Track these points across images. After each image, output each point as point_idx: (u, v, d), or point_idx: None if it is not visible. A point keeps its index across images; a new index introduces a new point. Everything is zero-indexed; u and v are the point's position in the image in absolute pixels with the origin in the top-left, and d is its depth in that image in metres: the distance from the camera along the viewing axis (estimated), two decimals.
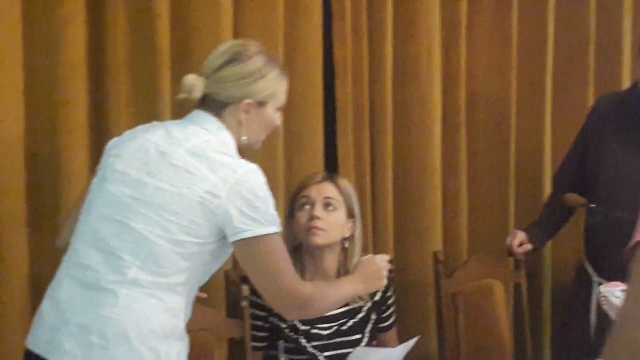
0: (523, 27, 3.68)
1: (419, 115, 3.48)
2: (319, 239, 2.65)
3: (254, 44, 2.26)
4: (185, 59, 2.89)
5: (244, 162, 2.12)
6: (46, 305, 2.11)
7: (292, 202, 2.72)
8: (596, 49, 3.80)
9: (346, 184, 2.78)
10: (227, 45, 2.24)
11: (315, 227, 2.63)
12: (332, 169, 3.20)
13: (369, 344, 2.75)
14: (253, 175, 2.09)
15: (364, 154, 3.35)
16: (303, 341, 2.65)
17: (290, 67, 3.01)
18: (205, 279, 2.20)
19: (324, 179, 2.72)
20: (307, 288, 2.17)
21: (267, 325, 2.66)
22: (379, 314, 2.80)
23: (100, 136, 2.74)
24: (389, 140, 3.41)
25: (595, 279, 3.11)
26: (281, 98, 2.24)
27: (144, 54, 2.82)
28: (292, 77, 2.93)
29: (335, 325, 2.70)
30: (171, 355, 2.08)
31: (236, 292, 2.66)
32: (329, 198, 2.67)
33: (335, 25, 3.21)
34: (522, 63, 3.71)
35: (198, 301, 2.31)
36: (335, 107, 3.28)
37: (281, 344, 2.29)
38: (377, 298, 2.78)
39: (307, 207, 2.66)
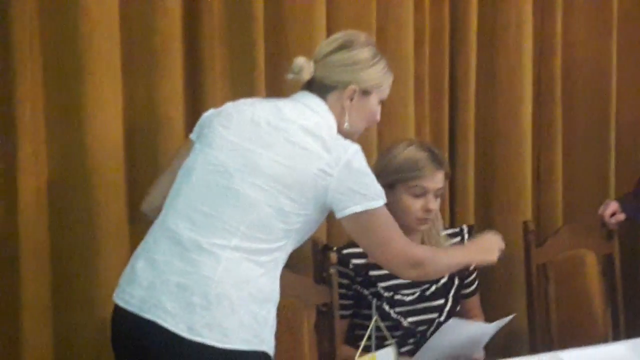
0: None
1: (506, 83, 3.41)
2: (427, 227, 2.71)
3: (365, 35, 2.32)
4: (278, 31, 2.92)
5: (349, 142, 2.17)
6: (141, 265, 2.14)
7: (398, 180, 2.64)
8: None
9: (448, 168, 2.77)
10: (339, 34, 2.29)
11: (428, 219, 2.67)
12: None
13: (452, 310, 2.76)
14: (359, 154, 2.15)
15: (442, 124, 3.32)
16: (386, 307, 2.66)
17: (380, 38, 3.03)
18: (297, 246, 2.24)
19: (438, 168, 2.66)
20: (420, 250, 2.33)
21: (350, 293, 2.68)
22: (461, 279, 2.80)
23: (195, 106, 2.79)
24: (471, 111, 3.36)
25: None
26: (385, 90, 2.28)
27: (238, 24, 2.84)
28: (383, 46, 2.92)
29: (418, 291, 2.70)
30: (268, 320, 2.12)
31: (323, 259, 2.69)
32: (440, 189, 2.67)
33: None
34: (622, 27, 3.60)
35: (286, 267, 2.33)
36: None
37: (374, 302, 2.33)
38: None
39: (422, 197, 2.64)
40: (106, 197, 2.69)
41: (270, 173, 2.09)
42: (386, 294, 2.66)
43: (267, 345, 2.11)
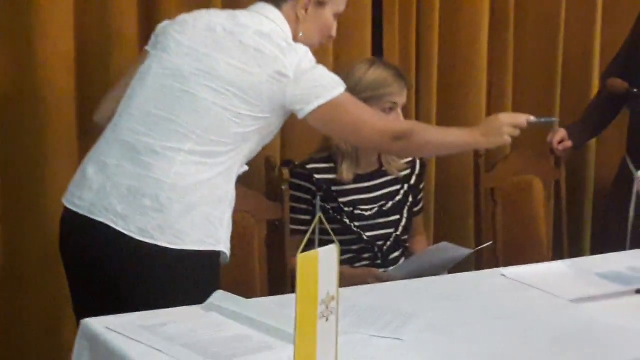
0: None
1: (467, 11, 3.44)
2: None
3: None
4: None
5: (298, 44, 2.18)
6: (91, 169, 2.15)
7: (372, 98, 2.64)
8: None
9: None
10: None
11: None
12: None
13: (407, 225, 2.83)
14: (309, 53, 2.17)
15: (409, 47, 3.34)
16: (346, 220, 2.71)
17: None
18: (254, 154, 2.26)
19: (404, 83, 2.72)
20: (401, 122, 2.43)
21: (310, 208, 2.72)
22: (413, 197, 2.86)
23: (149, 20, 2.75)
24: (435, 35, 3.39)
25: (637, 174, 3.08)
26: (340, 4, 2.29)
27: None
28: None
29: (375, 206, 2.77)
30: (223, 220, 2.14)
31: (276, 176, 2.71)
32: (404, 103, 2.73)
33: None
34: None
35: (238, 181, 2.35)
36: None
37: (317, 198, 2.37)
38: (412, 181, 2.85)
39: (392, 111, 2.66)
40: (56, 108, 2.68)
41: (225, 76, 2.09)
42: (346, 209, 2.72)
43: (223, 245, 2.14)
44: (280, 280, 2.72)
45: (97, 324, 1.86)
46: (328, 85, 2.13)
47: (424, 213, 3.13)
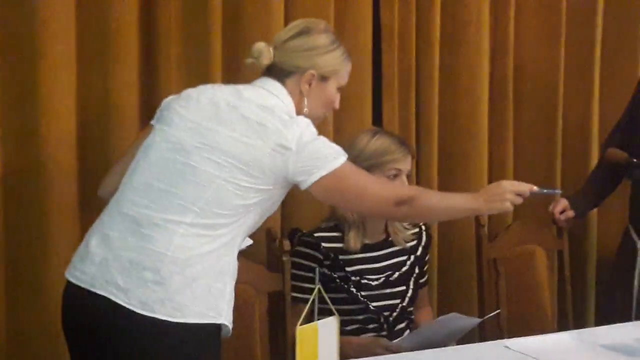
0: None
1: (467, 82, 3.45)
2: None
3: (324, 22, 2.35)
4: (236, 21, 2.91)
5: (300, 117, 2.20)
6: (94, 241, 2.14)
7: (375, 166, 2.67)
8: None
9: None
10: (299, 21, 2.32)
11: None
12: None
13: (413, 296, 2.81)
14: (311, 125, 2.18)
15: (409, 119, 3.35)
16: (353, 290, 2.69)
17: (339, 31, 3.01)
18: (256, 227, 2.25)
19: (408, 150, 2.75)
20: (404, 188, 2.44)
21: (320, 269, 2.67)
22: (420, 268, 2.85)
23: (150, 95, 2.78)
24: (435, 107, 3.40)
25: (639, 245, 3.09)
26: (343, 77, 2.31)
27: (195, 14, 2.83)
28: (341, 40, 2.94)
29: (382, 277, 2.75)
30: (225, 292, 2.12)
31: (277, 247, 2.71)
32: (409, 170, 2.74)
33: None
34: (570, 32, 3.65)
35: (240, 254, 2.33)
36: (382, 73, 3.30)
37: (317, 270, 2.36)
38: (418, 253, 2.85)
39: (396, 179, 2.67)
40: (59, 183, 2.68)
41: (227, 149, 2.10)
42: (353, 278, 2.70)
43: (225, 317, 2.11)
44: (282, 353, 2.70)
45: None
46: (330, 156, 2.14)
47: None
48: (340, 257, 2.70)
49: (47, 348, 2.66)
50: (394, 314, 2.74)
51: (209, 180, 2.08)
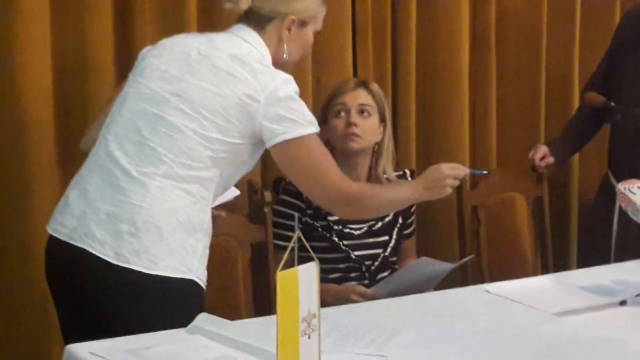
0: None
1: (446, 32, 3.45)
2: (356, 144, 2.73)
3: None
4: None
5: (280, 71, 2.17)
6: (73, 195, 2.16)
7: (325, 109, 2.77)
8: None
9: (377, 89, 2.83)
10: None
11: (353, 134, 2.71)
12: None
13: (395, 246, 2.83)
14: (289, 83, 2.15)
15: (384, 69, 3.34)
16: (335, 239, 2.73)
17: None
18: (231, 183, 2.26)
19: (357, 85, 2.77)
20: (353, 185, 2.25)
21: (299, 225, 2.72)
22: (404, 219, 2.87)
23: (125, 49, 2.77)
24: (412, 58, 3.39)
25: (619, 188, 3.08)
26: (320, 22, 2.32)
27: None
28: None
29: (365, 226, 2.79)
30: (197, 249, 2.13)
31: (259, 199, 2.72)
32: (363, 105, 2.73)
33: None
34: None
35: (222, 207, 2.37)
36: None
37: (296, 216, 2.37)
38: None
39: (343, 113, 2.72)
40: (37, 137, 2.67)
41: (196, 100, 2.10)
42: (335, 227, 2.74)
43: (196, 274, 2.13)
44: (265, 302, 2.73)
45: (81, 349, 1.85)
46: (298, 122, 2.12)
47: None
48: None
49: (32, 299, 2.67)
50: (376, 263, 2.78)
51: (179, 131, 2.09)
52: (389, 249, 2.81)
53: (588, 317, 2.14)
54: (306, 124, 2.13)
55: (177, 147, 2.08)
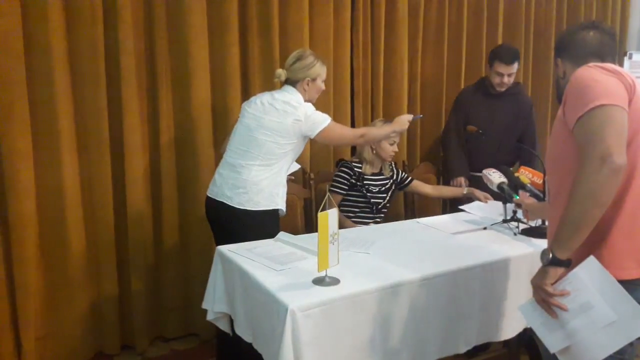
0: None
1: (398, 31, 2.91)
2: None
3: (308, 49, 2.20)
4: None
5: (307, 103, 2.10)
6: (216, 176, 2.15)
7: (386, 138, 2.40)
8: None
9: None
10: (295, 53, 2.17)
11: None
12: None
13: (391, 196, 2.64)
14: (311, 106, 2.09)
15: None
16: (364, 191, 2.58)
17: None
18: (292, 163, 2.16)
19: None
20: (361, 129, 2.16)
21: (347, 182, 2.58)
22: (396, 185, 2.69)
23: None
24: (368, 51, 2.85)
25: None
26: (324, 75, 2.17)
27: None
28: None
29: (378, 185, 2.62)
30: (278, 195, 2.10)
31: (307, 177, 2.68)
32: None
33: None
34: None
35: (292, 180, 2.33)
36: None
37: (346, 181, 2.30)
38: (394, 178, 2.67)
39: (394, 141, 2.53)
40: (202, 143, 2.49)
41: (270, 126, 2.06)
42: (366, 185, 2.59)
43: (280, 205, 2.10)
44: (311, 226, 2.66)
45: (223, 248, 1.87)
46: (322, 121, 2.06)
47: None
48: (363, 175, 2.58)
49: (196, 224, 2.54)
50: (379, 206, 2.61)
51: (263, 143, 2.05)
52: (386, 199, 2.62)
53: (467, 235, 2.09)
54: (325, 119, 2.07)
55: (264, 150, 2.06)
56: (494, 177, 2.22)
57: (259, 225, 2.04)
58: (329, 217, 1.47)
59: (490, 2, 3.33)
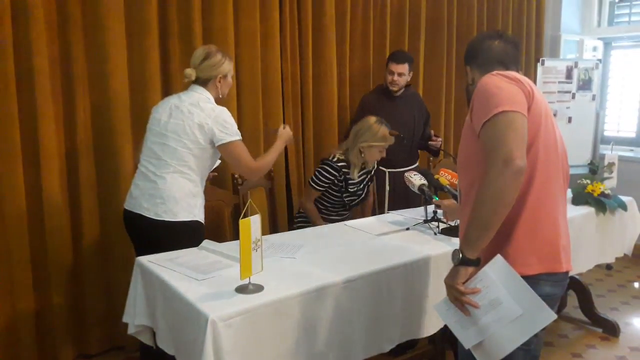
0: None
1: (327, 37, 2.95)
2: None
3: (214, 46, 2.14)
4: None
5: (218, 106, 2.06)
6: (132, 187, 2.11)
7: (369, 141, 2.50)
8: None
9: None
10: (200, 49, 2.12)
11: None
12: None
13: (366, 193, 2.68)
14: (224, 111, 2.04)
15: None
16: (342, 190, 2.60)
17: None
18: (208, 170, 2.12)
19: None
20: (255, 162, 2.08)
21: (329, 180, 2.56)
22: (370, 181, 2.73)
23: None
24: (296, 55, 2.88)
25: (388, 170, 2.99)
26: (232, 71, 2.15)
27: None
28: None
29: (357, 183, 2.63)
30: (196, 206, 2.06)
31: (237, 181, 2.60)
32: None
33: None
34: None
35: (213, 183, 2.29)
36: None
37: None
38: (368, 177, 2.71)
39: (382, 151, 2.54)
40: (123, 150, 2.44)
41: (177, 130, 2.02)
42: (345, 185, 2.60)
43: (199, 217, 2.06)
44: (236, 233, 2.43)
45: (143, 259, 1.83)
46: (229, 133, 2.01)
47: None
48: (347, 174, 2.57)
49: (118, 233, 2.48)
50: (352, 203, 2.65)
51: (174, 149, 2.02)
52: (363, 196, 2.66)
53: (391, 237, 2.12)
54: (234, 134, 2.01)
55: (176, 157, 2.02)
56: (415, 179, 2.27)
57: (181, 235, 1.99)
58: (251, 223, 1.45)
59: (412, 8, 3.45)
